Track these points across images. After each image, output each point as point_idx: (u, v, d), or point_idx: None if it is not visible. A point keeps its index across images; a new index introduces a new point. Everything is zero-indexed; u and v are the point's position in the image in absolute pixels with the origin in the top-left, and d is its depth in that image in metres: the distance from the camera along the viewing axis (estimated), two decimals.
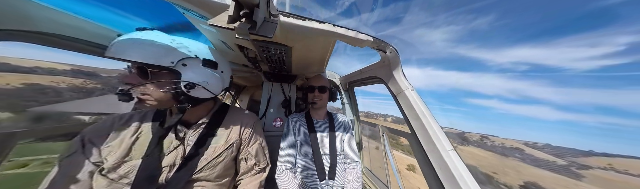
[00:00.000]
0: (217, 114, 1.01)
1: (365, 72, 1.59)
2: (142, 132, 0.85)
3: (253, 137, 1.07)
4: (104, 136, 0.81)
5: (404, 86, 1.18)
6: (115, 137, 0.82)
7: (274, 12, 0.73)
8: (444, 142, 1.00)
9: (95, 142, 0.79)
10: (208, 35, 1.19)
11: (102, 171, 0.75)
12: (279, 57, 1.31)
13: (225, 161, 0.95)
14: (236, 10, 0.56)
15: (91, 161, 0.76)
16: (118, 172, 0.76)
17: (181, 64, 0.77)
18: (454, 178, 0.92)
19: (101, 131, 0.82)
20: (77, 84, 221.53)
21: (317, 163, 1.31)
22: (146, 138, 0.84)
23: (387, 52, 1.09)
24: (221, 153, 0.94)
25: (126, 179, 0.76)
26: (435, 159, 1.02)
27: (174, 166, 0.84)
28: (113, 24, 1.18)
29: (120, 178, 0.76)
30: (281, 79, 1.96)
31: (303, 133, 1.39)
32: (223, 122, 1.00)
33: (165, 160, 0.83)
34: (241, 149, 1.04)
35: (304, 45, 1.08)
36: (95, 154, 0.77)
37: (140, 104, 0.76)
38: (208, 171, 0.89)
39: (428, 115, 1.09)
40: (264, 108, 1.88)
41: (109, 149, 0.79)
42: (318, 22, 0.84)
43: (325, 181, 1.27)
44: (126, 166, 0.77)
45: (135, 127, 0.85)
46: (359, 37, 0.93)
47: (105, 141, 0.80)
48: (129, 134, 0.83)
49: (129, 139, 0.82)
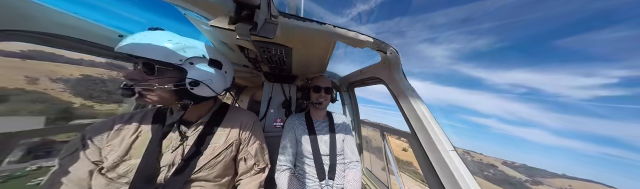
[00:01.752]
0: (217, 113, 1.01)
1: (365, 73, 1.59)
2: (142, 132, 0.85)
3: (252, 137, 1.07)
4: (105, 135, 0.81)
5: (404, 86, 1.19)
6: (116, 136, 0.82)
7: (275, 13, 0.73)
8: (444, 142, 1.00)
9: (96, 141, 0.79)
10: (208, 35, 1.19)
11: (101, 170, 0.75)
12: (279, 58, 1.31)
13: (225, 161, 0.95)
14: (237, 11, 0.56)
15: (91, 160, 0.76)
16: (117, 171, 0.76)
17: (188, 62, 0.80)
18: (454, 179, 0.92)
19: (102, 130, 0.82)
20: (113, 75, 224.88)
21: (317, 163, 1.31)
22: (146, 137, 0.84)
23: (387, 53, 1.09)
24: (220, 152, 0.94)
25: (125, 178, 0.76)
26: (436, 160, 1.02)
27: (172, 165, 0.84)
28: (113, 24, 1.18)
29: (118, 176, 0.76)
30: (281, 80, 1.96)
31: (303, 133, 1.39)
32: (223, 122, 1.00)
33: (164, 159, 0.83)
34: (240, 148, 1.03)
35: (304, 45, 1.08)
36: (95, 153, 0.78)
37: (141, 100, 0.77)
38: (207, 171, 0.89)
39: (428, 115, 1.09)
40: (264, 108, 1.88)
41: (109, 148, 0.79)
42: (318, 23, 0.84)
43: (325, 181, 1.27)
44: (125, 165, 0.78)
45: (135, 126, 0.86)
46: (359, 38, 0.93)
47: (106, 140, 0.80)
48: (129, 133, 0.83)
49: (128, 138, 0.82)
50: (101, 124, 0.84)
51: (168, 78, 0.77)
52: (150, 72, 0.75)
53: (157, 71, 0.75)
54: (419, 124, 1.10)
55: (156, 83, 0.75)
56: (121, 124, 0.85)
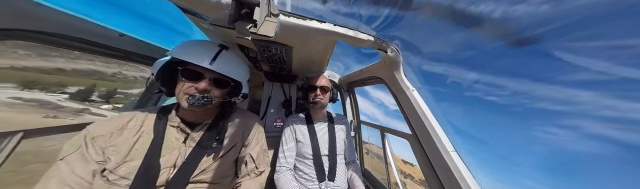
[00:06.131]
0: (221, 115, 1.00)
1: (366, 72, 1.58)
2: (144, 132, 0.84)
3: (255, 139, 1.07)
4: (108, 135, 0.79)
5: (405, 86, 1.18)
6: (119, 135, 0.80)
7: (275, 12, 0.72)
8: (445, 143, 1.00)
9: (99, 140, 0.77)
10: (208, 34, 1.18)
11: (103, 171, 0.74)
12: (280, 57, 1.30)
13: (226, 163, 0.94)
14: (236, 10, 0.56)
15: (94, 160, 0.74)
16: (118, 172, 0.74)
17: (247, 80, 1.01)
18: (454, 179, 0.91)
19: (105, 129, 0.80)
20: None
21: (316, 163, 1.30)
22: (148, 138, 0.83)
23: (388, 52, 1.08)
24: (222, 154, 0.93)
25: (126, 180, 0.74)
26: (436, 160, 1.01)
27: (174, 167, 0.83)
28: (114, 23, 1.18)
29: (119, 178, 0.74)
30: (281, 79, 1.96)
31: (303, 134, 1.38)
32: (226, 124, 1.00)
33: (166, 161, 0.82)
34: (242, 151, 1.03)
35: (305, 44, 1.08)
36: (99, 152, 0.76)
37: (203, 107, 0.85)
38: (208, 173, 0.89)
39: (429, 115, 1.08)
40: (264, 108, 1.88)
41: (112, 148, 0.77)
42: (318, 21, 0.83)
43: (325, 183, 1.26)
44: (126, 166, 0.76)
45: (138, 126, 0.84)
46: (359, 37, 0.92)
47: (110, 140, 0.78)
48: (132, 133, 0.82)
49: (131, 139, 0.80)
50: (104, 123, 0.81)
51: (234, 92, 0.96)
52: (221, 86, 0.89)
53: (230, 87, 0.91)
54: (420, 125, 1.10)
55: (226, 96, 0.92)
56: (124, 123, 0.83)
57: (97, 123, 0.82)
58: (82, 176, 0.71)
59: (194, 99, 0.81)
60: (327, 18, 0.84)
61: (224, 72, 0.85)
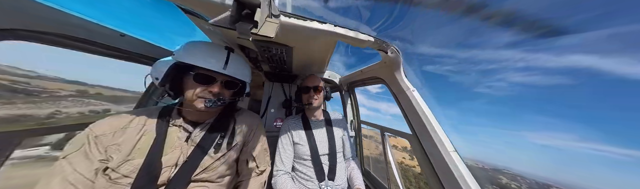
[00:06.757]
0: (223, 114, 1.01)
1: (366, 73, 1.59)
2: (147, 131, 0.84)
3: (256, 139, 1.07)
4: (111, 134, 0.79)
5: (405, 86, 1.18)
6: (121, 134, 0.80)
7: (275, 12, 0.73)
8: (445, 143, 1.00)
9: (102, 139, 0.77)
10: (209, 35, 1.19)
11: (105, 170, 0.74)
12: (280, 57, 1.30)
13: (228, 162, 0.95)
14: (237, 10, 0.56)
15: (97, 158, 0.74)
16: (120, 171, 0.75)
17: (250, 79, 1.03)
18: (455, 180, 0.92)
19: (108, 127, 0.80)
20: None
21: (316, 163, 1.30)
22: (150, 137, 0.83)
23: (389, 53, 1.08)
24: (224, 153, 0.93)
25: (128, 179, 0.75)
26: (436, 160, 1.02)
27: (176, 165, 0.83)
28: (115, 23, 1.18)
29: (121, 177, 0.74)
30: (282, 79, 1.96)
31: (300, 135, 1.38)
32: (228, 123, 1.00)
33: (168, 159, 0.82)
34: (244, 150, 1.03)
35: (305, 45, 1.08)
36: (101, 151, 0.76)
37: (215, 107, 0.87)
38: (210, 172, 0.89)
39: (429, 116, 1.08)
40: (264, 108, 1.88)
41: (114, 147, 0.77)
42: (319, 22, 0.84)
43: (325, 182, 1.27)
44: (128, 164, 0.76)
45: (140, 125, 0.84)
46: (359, 37, 0.92)
47: (112, 139, 0.78)
48: (134, 132, 0.82)
49: (133, 138, 0.81)
50: (107, 122, 0.81)
51: (240, 92, 0.99)
52: (231, 87, 0.92)
53: (239, 87, 0.95)
54: (420, 125, 1.10)
55: (235, 96, 0.97)
56: (127, 122, 0.83)
57: (99, 122, 0.82)
58: (84, 175, 0.71)
59: (211, 103, 0.84)
60: (327, 19, 0.85)
61: (234, 74, 0.88)
